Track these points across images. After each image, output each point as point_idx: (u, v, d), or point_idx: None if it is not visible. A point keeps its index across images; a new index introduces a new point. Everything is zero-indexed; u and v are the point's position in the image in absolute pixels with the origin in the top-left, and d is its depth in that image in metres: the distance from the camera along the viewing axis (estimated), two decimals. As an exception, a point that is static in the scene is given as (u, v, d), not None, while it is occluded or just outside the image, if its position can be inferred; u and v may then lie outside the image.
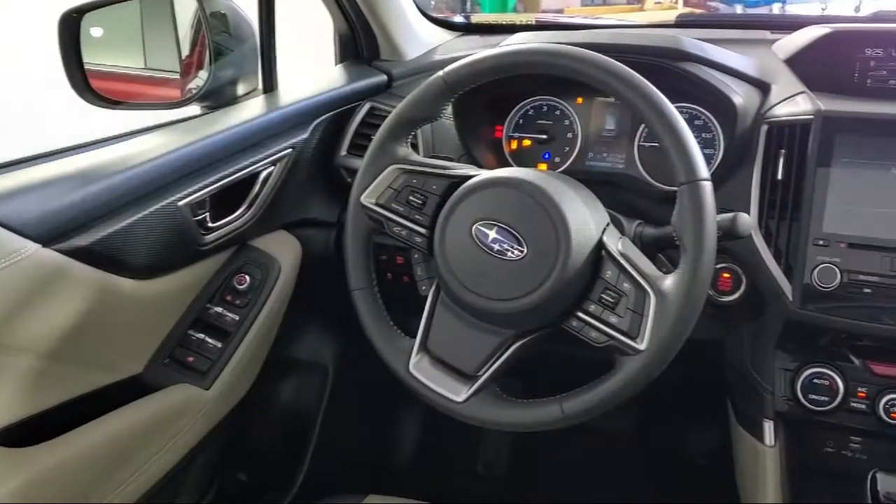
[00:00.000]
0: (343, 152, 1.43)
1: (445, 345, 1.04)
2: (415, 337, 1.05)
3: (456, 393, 1.02)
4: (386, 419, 1.93)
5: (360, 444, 1.85)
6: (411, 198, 1.06)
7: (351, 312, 1.09)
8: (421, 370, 1.04)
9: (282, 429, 1.70)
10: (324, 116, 1.41)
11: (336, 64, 1.64)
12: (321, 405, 1.68)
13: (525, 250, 0.97)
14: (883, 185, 1.08)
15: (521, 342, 1.01)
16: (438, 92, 1.06)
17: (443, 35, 1.70)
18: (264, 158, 1.29)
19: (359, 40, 1.60)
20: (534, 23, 1.68)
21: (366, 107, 1.45)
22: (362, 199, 1.08)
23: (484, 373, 1.01)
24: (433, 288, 1.06)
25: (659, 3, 7.46)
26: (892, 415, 1.11)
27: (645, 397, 1.01)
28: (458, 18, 1.76)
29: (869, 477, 1.12)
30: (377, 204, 1.07)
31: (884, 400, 1.11)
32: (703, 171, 0.93)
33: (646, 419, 1.88)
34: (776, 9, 7.35)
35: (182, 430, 1.27)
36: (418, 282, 1.28)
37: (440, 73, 1.06)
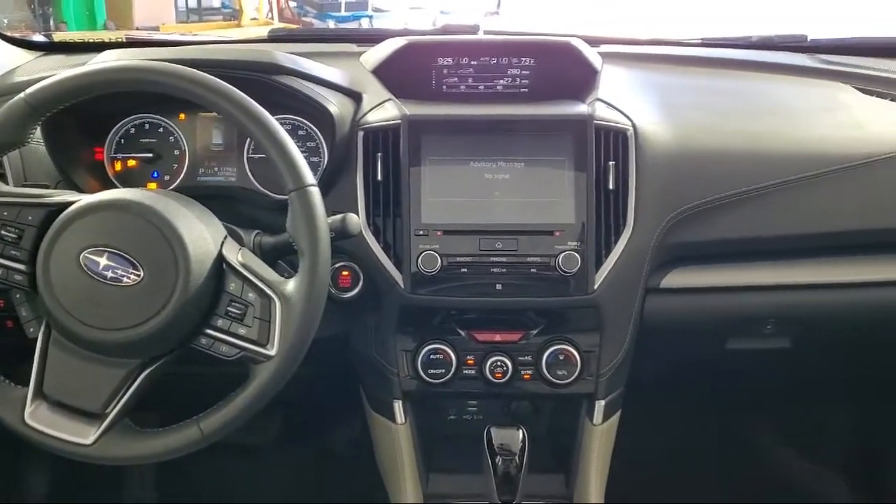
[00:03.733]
0: None
1: (65, 386, 0.98)
2: (28, 385, 0.97)
3: (83, 436, 0.97)
4: (6, 481, 1.72)
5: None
6: (3, 232, 0.97)
7: None
8: (39, 419, 0.97)
9: None
10: None
11: None
12: None
13: (142, 274, 0.94)
14: (465, 178, 1.24)
15: (149, 370, 0.98)
16: (22, 115, 0.99)
17: (23, 55, 1.56)
18: None
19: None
20: (124, 40, 1.61)
21: None
22: None
23: (112, 409, 0.97)
24: (42, 328, 0.99)
25: (255, 18, 7.57)
26: (496, 375, 1.27)
27: (285, 402, 1.04)
28: (39, 37, 1.62)
29: (485, 433, 1.27)
30: None
31: (488, 363, 1.27)
32: (309, 177, 0.99)
33: (289, 423, 1.92)
34: (365, 23, 7.89)
35: None
36: (24, 324, 1.15)
37: (22, 94, 0.99)
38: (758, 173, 1.29)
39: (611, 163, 1.23)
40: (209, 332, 0.97)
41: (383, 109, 1.28)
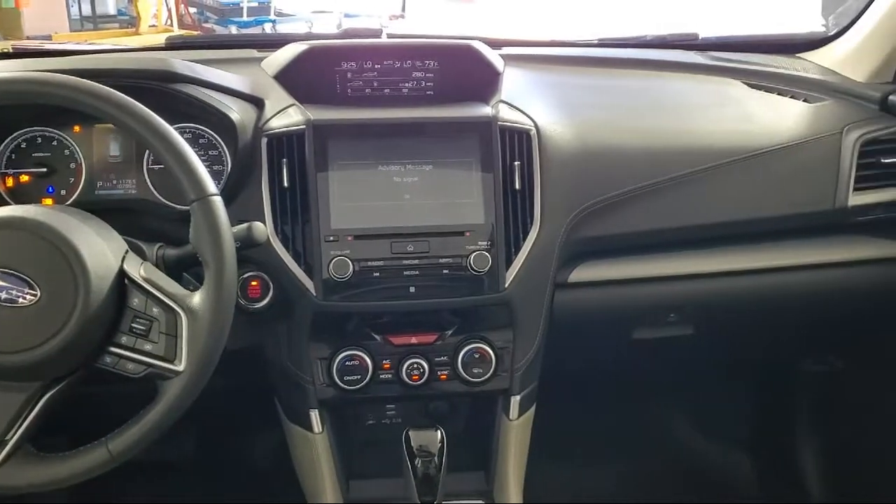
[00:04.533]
0: None
1: None
2: None
3: None
4: None
5: None
6: None
7: None
8: None
9: None
10: None
11: None
12: None
13: (38, 293, 0.91)
14: (374, 181, 1.24)
15: (51, 392, 0.95)
16: None
17: None
18: None
19: None
20: (11, 50, 1.54)
21: None
22: None
23: (12, 436, 0.93)
24: None
25: (154, 26, 7.36)
26: (413, 377, 1.27)
27: (199, 416, 1.02)
28: (-83, 49, 1.54)
29: (403, 436, 1.27)
30: None
31: (405, 366, 1.27)
32: (211, 186, 0.97)
33: (204, 437, 1.88)
34: (269, 28, 7.76)
35: None
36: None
37: None
38: (656, 168, 1.34)
39: (516, 163, 1.25)
40: (113, 349, 0.95)
41: (286, 115, 1.26)
